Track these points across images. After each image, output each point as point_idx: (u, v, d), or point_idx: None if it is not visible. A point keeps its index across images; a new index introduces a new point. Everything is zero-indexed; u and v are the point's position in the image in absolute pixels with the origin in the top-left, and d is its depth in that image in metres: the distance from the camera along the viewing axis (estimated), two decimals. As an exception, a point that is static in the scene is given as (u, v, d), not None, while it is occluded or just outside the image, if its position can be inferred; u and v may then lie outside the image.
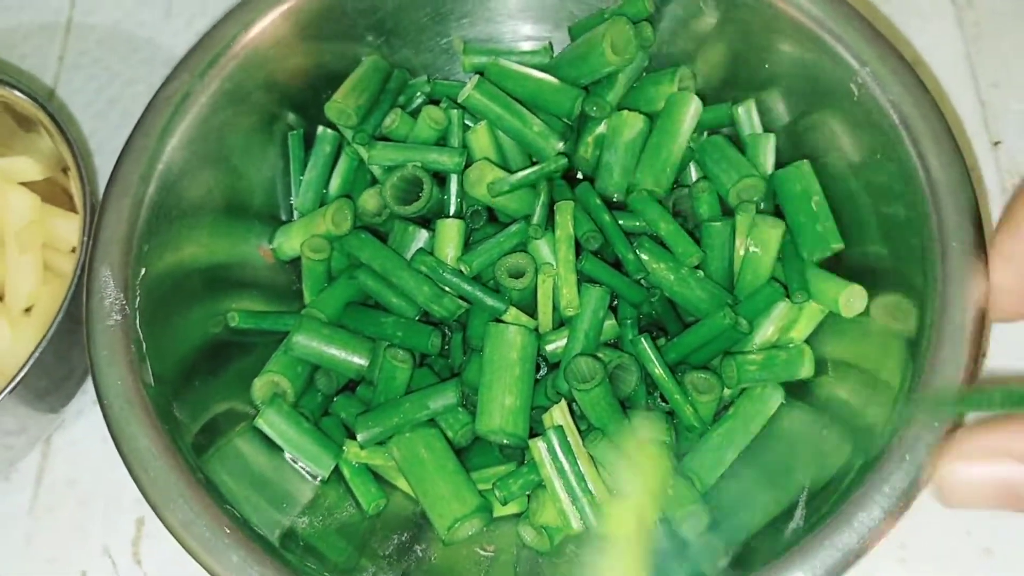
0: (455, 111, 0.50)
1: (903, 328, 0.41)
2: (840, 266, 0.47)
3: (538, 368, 0.48)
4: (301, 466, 0.47)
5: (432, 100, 0.54)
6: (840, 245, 0.46)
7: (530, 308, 0.48)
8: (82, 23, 0.66)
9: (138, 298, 0.42)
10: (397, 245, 0.50)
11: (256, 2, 0.48)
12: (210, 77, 0.47)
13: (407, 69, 0.54)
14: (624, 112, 0.49)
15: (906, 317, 0.42)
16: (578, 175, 0.53)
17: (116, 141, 0.54)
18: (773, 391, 0.46)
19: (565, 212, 0.47)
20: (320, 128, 0.52)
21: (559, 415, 0.45)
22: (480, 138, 0.50)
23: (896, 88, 0.43)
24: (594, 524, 0.44)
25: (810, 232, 0.46)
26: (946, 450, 0.27)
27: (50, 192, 0.55)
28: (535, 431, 0.46)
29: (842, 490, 0.38)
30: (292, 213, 0.54)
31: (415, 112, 0.53)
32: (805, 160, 0.48)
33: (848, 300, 0.45)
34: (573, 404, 0.46)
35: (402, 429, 0.46)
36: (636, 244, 0.47)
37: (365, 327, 0.48)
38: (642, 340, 0.46)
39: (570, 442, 0.44)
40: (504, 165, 0.51)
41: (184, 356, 0.45)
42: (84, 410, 0.55)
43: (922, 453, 0.36)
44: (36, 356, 0.46)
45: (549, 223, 0.48)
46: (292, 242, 0.51)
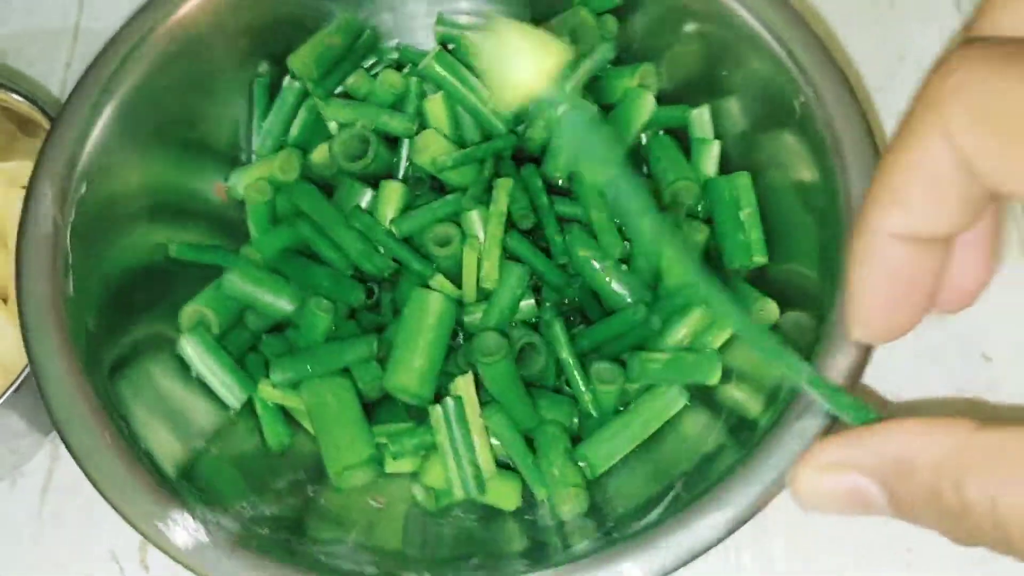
0: (413, 78, 0.51)
1: (801, 343, 0.42)
2: (764, 280, 0.47)
3: (456, 336, 0.49)
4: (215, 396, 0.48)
5: (400, 65, 0.55)
6: (763, 259, 0.47)
7: (459, 278, 0.49)
8: (89, 29, 0.66)
9: (73, 213, 0.44)
10: (341, 201, 0.51)
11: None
12: (186, 9, 0.49)
13: (381, 33, 0.55)
14: (577, 100, 0.50)
15: (805, 334, 0.42)
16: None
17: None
18: (677, 393, 0.47)
19: (502, 189, 0.48)
20: (287, 79, 0.54)
21: (462, 385, 0.46)
22: (435, 107, 0.51)
23: (833, 111, 0.44)
24: (476, 495, 0.45)
25: (733, 242, 0.47)
26: (800, 460, 0.27)
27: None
28: (444, 396, 0.47)
29: (712, 480, 0.39)
30: (253, 157, 0.55)
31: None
32: (745, 172, 0.48)
33: (759, 312, 0.45)
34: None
35: (315, 375, 0.48)
36: (566, 230, 0.48)
37: (297, 274, 0.50)
38: (555, 323, 0.46)
39: (467, 413, 0.45)
40: (459, 137, 0.52)
41: (115, 276, 0.47)
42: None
43: (791, 452, 0.38)
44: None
45: (488, 198, 0.49)
46: (244, 183, 0.53)
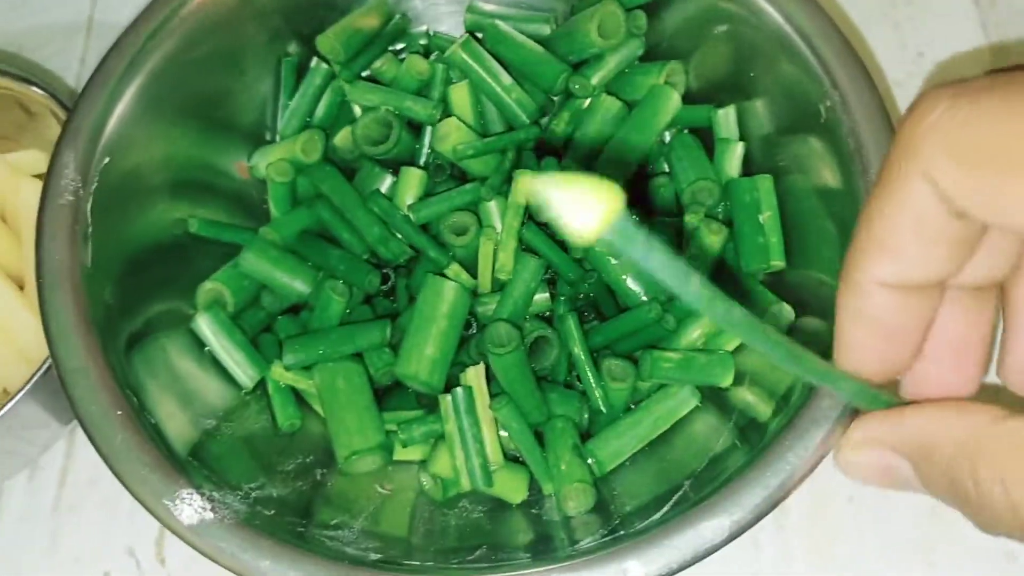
0: (440, 65, 0.51)
1: (815, 350, 0.42)
2: (781, 284, 0.47)
3: (469, 326, 0.49)
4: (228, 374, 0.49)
5: (428, 52, 0.55)
6: (781, 263, 0.46)
7: (475, 268, 0.49)
8: (103, 22, 0.67)
9: (95, 183, 0.45)
10: (361, 184, 0.51)
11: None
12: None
13: (411, 18, 0.55)
14: (603, 95, 0.50)
15: (821, 340, 0.42)
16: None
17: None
18: (689, 394, 0.47)
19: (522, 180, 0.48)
20: (315, 60, 0.54)
21: (473, 376, 0.46)
22: (459, 95, 0.51)
23: (859, 117, 0.43)
24: (483, 486, 0.45)
25: (752, 244, 0.46)
26: (843, 437, 0.30)
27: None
28: (456, 385, 0.47)
29: (720, 481, 0.39)
30: (277, 136, 0.55)
31: (407, 60, 0.54)
32: (768, 175, 0.48)
33: (773, 316, 0.45)
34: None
35: (327, 358, 0.48)
36: (584, 224, 0.48)
37: (313, 256, 0.50)
38: (569, 318, 0.46)
39: (477, 404, 0.45)
40: (482, 125, 0.52)
41: (134, 249, 0.47)
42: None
43: (800, 457, 0.37)
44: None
45: (508, 189, 0.49)
46: (267, 162, 0.53)
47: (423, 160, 0.51)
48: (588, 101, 0.51)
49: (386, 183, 0.51)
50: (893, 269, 0.27)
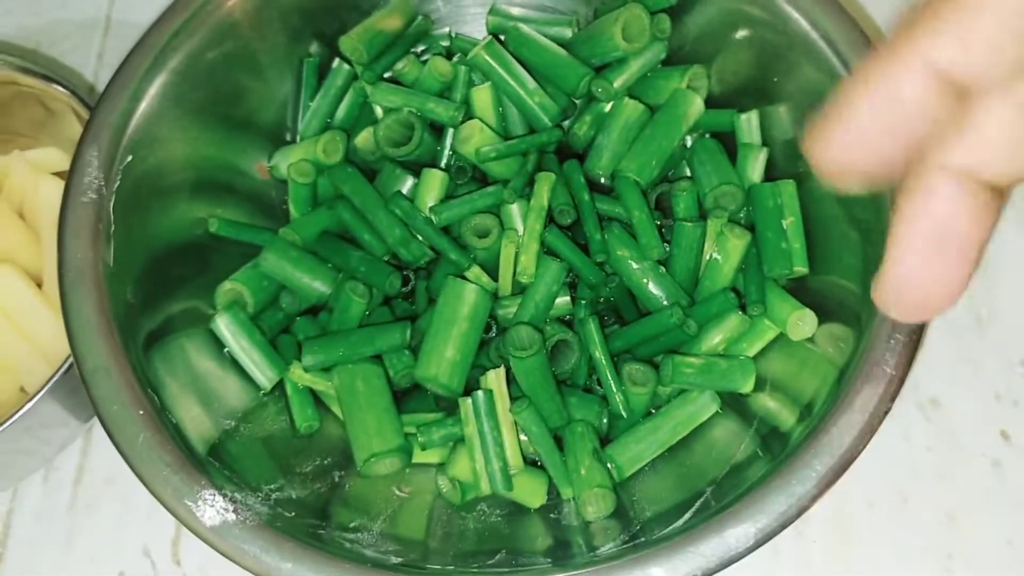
0: (462, 67, 0.51)
1: (838, 359, 0.41)
2: (804, 290, 0.47)
3: (490, 329, 0.49)
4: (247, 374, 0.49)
5: (450, 54, 0.55)
6: (804, 268, 0.46)
7: (496, 270, 0.49)
8: (121, 20, 0.67)
9: (118, 182, 0.44)
10: (382, 186, 0.51)
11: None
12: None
13: (433, 20, 0.55)
14: (625, 99, 0.50)
15: (844, 349, 0.42)
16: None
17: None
18: (709, 399, 0.46)
19: (544, 183, 0.48)
20: (336, 61, 0.54)
21: (493, 379, 0.46)
22: (482, 97, 0.50)
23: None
24: (503, 490, 0.45)
25: (774, 249, 0.46)
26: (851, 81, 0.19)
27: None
28: (475, 388, 0.47)
29: (744, 489, 0.39)
30: (297, 137, 0.55)
31: (429, 61, 0.54)
32: (791, 180, 0.48)
33: (797, 322, 0.45)
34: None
35: (347, 360, 0.47)
36: (606, 228, 0.48)
37: (333, 257, 0.49)
38: (590, 321, 0.46)
39: (497, 408, 0.45)
40: (504, 128, 0.52)
41: (155, 247, 0.47)
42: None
43: (827, 463, 0.37)
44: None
45: (530, 192, 0.48)
46: (288, 163, 0.53)
47: (444, 162, 0.51)
48: (610, 105, 0.51)
49: (407, 184, 0.51)
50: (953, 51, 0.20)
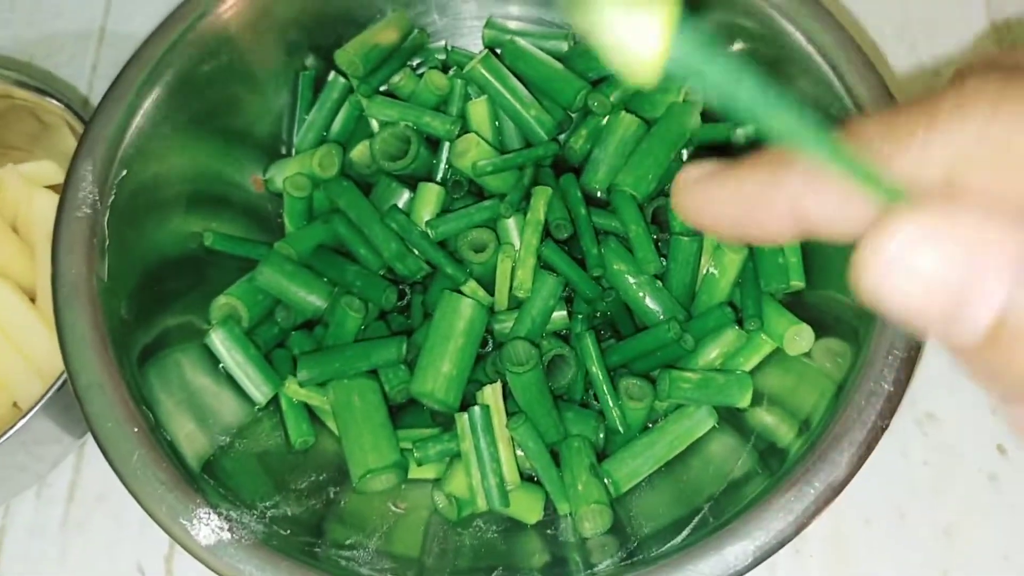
0: (458, 80, 0.51)
1: (836, 374, 0.41)
2: (800, 305, 0.47)
3: (486, 344, 0.49)
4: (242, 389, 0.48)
5: (446, 67, 0.55)
6: (800, 283, 0.46)
7: (492, 285, 0.49)
8: (116, 32, 0.67)
9: (113, 196, 0.44)
10: (378, 200, 0.51)
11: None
12: (230, 2, 0.48)
13: (430, 33, 0.55)
14: (622, 112, 0.50)
15: (841, 365, 0.41)
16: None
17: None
18: (706, 414, 0.46)
19: (540, 197, 0.47)
20: (332, 74, 0.54)
21: (490, 395, 0.45)
22: (478, 111, 0.50)
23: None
24: (499, 506, 0.45)
25: (771, 264, 0.46)
26: (897, 215, 0.16)
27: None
28: (471, 403, 0.47)
29: (742, 506, 0.39)
30: (293, 150, 0.55)
31: (425, 75, 0.54)
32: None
33: (794, 337, 0.45)
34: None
35: (342, 375, 0.47)
36: (603, 242, 0.48)
37: (329, 271, 0.49)
38: (586, 336, 0.46)
39: (494, 424, 0.45)
40: (500, 142, 0.52)
41: (150, 262, 0.47)
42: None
43: (825, 480, 0.37)
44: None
45: (526, 205, 0.48)
46: (283, 176, 0.52)
47: (441, 175, 0.51)
48: (607, 118, 0.51)
49: (403, 198, 0.50)
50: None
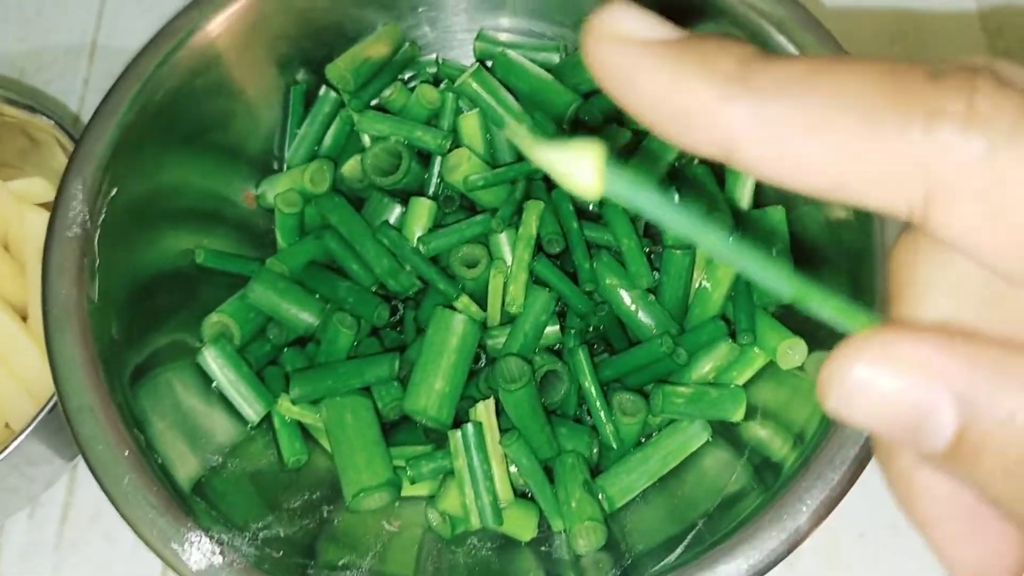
0: (449, 94, 0.51)
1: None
2: (792, 318, 0.47)
3: (479, 359, 0.49)
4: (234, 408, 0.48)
5: (437, 80, 0.55)
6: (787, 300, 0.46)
7: (484, 300, 0.49)
8: (106, 46, 0.66)
9: (103, 215, 0.44)
10: (370, 215, 0.50)
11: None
12: (225, 14, 0.48)
13: (421, 46, 0.55)
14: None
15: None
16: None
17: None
18: (700, 428, 0.46)
19: (532, 211, 0.47)
20: (323, 88, 0.53)
21: (483, 412, 0.45)
22: (469, 124, 0.50)
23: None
24: (493, 524, 0.45)
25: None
26: (856, 344, 0.18)
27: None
28: (464, 420, 0.47)
29: (736, 523, 0.39)
30: (284, 165, 0.55)
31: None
32: (780, 206, 0.47)
33: (787, 351, 0.44)
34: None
35: (335, 392, 0.47)
36: (595, 256, 0.47)
37: (321, 287, 0.49)
38: (579, 351, 0.46)
39: (487, 441, 0.45)
40: (491, 155, 0.52)
41: (141, 281, 0.46)
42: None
43: (818, 498, 0.37)
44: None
45: (518, 220, 0.48)
46: (275, 192, 0.52)
47: (432, 190, 0.51)
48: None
49: (395, 213, 0.50)
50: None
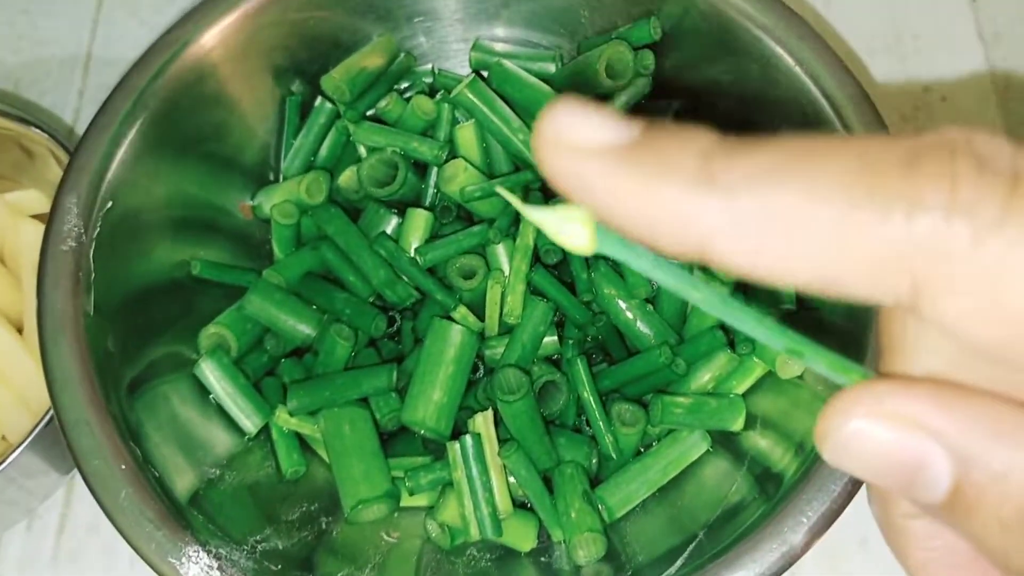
0: (445, 105, 0.50)
1: (829, 396, 0.41)
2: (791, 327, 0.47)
3: (477, 370, 0.48)
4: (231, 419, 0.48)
5: (433, 90, 0.55)
6: (791, 306, 0.46)
7: (482, 310, 0.48)
8: (101, 57, 0.66)
9: (98, 229, 0.44)
10: (366, 226, 0.50)
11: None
12: (220, 25, 0.48)
13: (416, 56, 0.55)
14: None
15: (834, 387, 0.41)
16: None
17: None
18: (699, 438, 0.46)
19: (529, 222, 0.47)
20: (319, 99, 0.53)
21: (482, 423, 0.45)
22: (466, 135, 0.50)
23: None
24: (492, 535, 0.44)
25: (762, 287, 0.46)
26: (851, 396, 0.20)
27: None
28: (463, 431, 0.47)
29: (738, 534, 0.38)
30: (280, 176, 0.55)
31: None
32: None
33: (786, 361, 0.44)
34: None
35: (332, 404, 0.47)
36: (593, 267, 0.47)
37: (318, 298, 0.49)
38: (578, 362, 0.46)
39: (485, 452, 0.44)
40: (488, 166, 0.51)
41: (136, 293, 0.46)
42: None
43: (820, 512, 0.37)
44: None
45: (515, 231, 0.48)
46: (271, 203, 0.52)
47: (429, 200, 0.51)
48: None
49: (392, 224, 0.50)
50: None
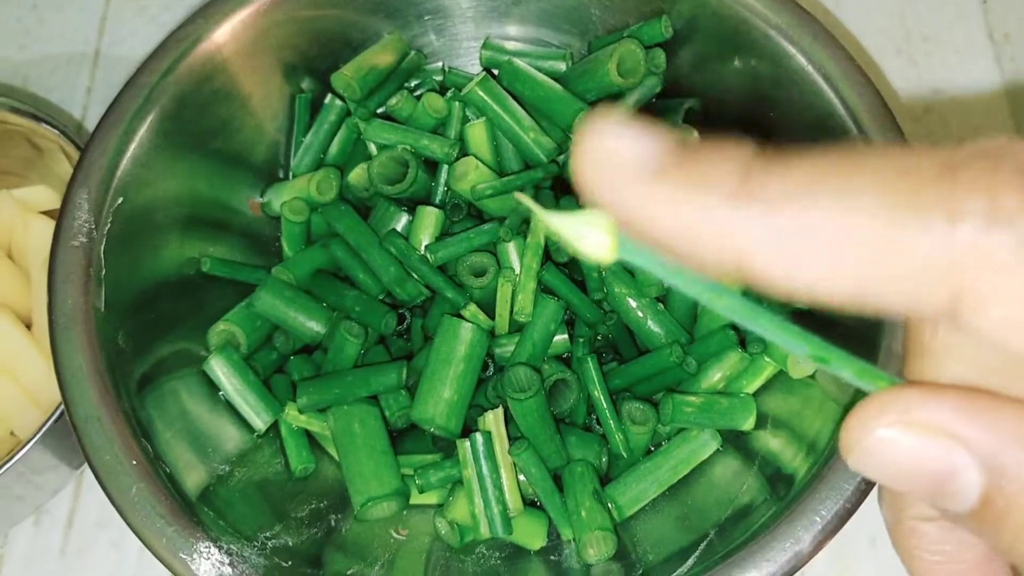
0: (456, 103, 0.50)
1: (841, 396, 0.41)
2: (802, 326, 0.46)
3: (487, 368, 0.48)
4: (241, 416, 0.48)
5: (444, 88, 0.55)
6: (804, 306, 0.46)
7: (492, 308, 0.48)
8: (109, 55, 0.66)
9: (109, 224, 0.44)
10: (377, 223, 0.50)
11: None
12: (230, 23, 0.48)
13: (427, 54, 0.55)
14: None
15: (846, 387, 0.41)
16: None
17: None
18: (710, 437, 0.46)
19: (540, 220, 0.47)
20: (329, 96, 0.53)
21: (492, 421, 0.45)
22: (476, 133, 0.50)
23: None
24: (502, 534, 0.44)
25: (775, 286, 0.46)
26: (879, 403, 0.19)
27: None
28: (473, 428, 0.46)
29: (749, 534, 0.38)
30: (290, 173, 0.55)
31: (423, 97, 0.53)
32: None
33: (797, 360, 0.44)
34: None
35: (342, 401, 0.47)
36: (603, 265, 0.47)
37: (328, 296, 0.49)
38: (588, 360, 0.46)
39: (496, 450, 0.44)
40: (499, 164, 0.51)
41: (146, 289, 0.46)
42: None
43: (832, 512, 0.37)
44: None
45: (526, 229, 0.48)
46: (280, 200, 0.52)
47: (439, 198, 0.51)
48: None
49: (402, 222, 0.50)
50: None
